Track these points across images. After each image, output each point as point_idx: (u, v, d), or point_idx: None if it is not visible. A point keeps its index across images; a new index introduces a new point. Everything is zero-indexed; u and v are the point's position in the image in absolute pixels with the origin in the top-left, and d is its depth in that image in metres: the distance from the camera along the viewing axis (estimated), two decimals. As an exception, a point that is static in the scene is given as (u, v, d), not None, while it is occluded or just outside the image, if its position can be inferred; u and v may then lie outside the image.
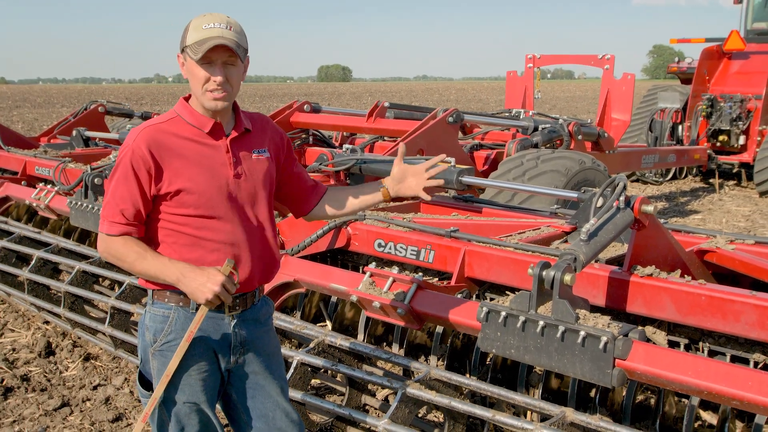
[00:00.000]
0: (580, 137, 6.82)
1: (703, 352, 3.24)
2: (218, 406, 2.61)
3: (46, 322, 5.33)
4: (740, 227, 8.85)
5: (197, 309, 2.26)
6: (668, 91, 11.87)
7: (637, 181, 11.92)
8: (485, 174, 6.34)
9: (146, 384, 2.46)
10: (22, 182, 6.60)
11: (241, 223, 2.37)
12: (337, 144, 7.83)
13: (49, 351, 4.88)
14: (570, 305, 2.68)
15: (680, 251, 3.37)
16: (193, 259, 2.30)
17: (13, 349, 4.90)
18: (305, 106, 7.30)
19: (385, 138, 7.21)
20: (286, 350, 3.34)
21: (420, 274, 3.42)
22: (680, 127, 11.58)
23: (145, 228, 2.34)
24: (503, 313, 2.80)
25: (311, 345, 3.30)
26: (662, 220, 3.75)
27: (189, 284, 2.21)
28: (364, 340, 3.96)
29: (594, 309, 3.23)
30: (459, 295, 3.60)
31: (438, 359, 3.86)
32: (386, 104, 6.81)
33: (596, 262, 3.50)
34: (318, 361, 3.23)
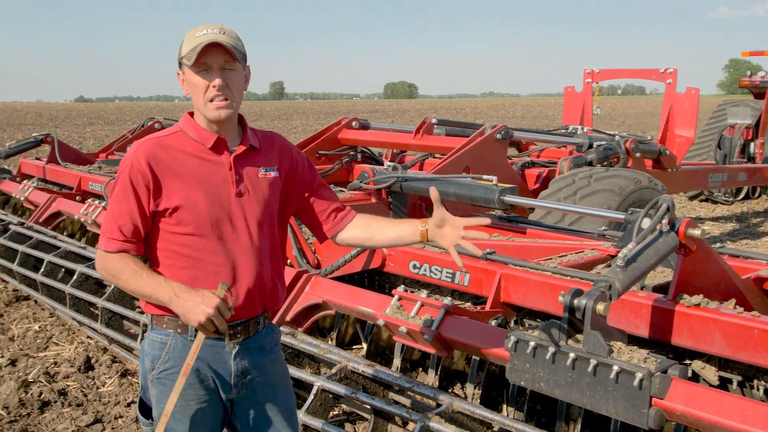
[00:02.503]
0: (638, 155, 6.50)
1: (758, 390, 2.96)
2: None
3: (89, 337, 5.35)
4: (817, 251, 8.32)
5: (195, 336, 2.14)
6: (739, 106, 11.33)
7: (706, 200, 11.40)
8: (536, 193, 6.11)
9: (147, 411, 2.35)
10: (77, 197, 6.70)
11: (243, 245, 2.23)
12: (387, 161, 7.71)
13: (88, 366, 4.88)
14: (603, 337, 2.47)
15: (735, 279, 3.10)
16: (190, 281, 2.17)
17: (55, 363, 4.92)
18: (353, 123, 7.22)
19: (436, 155, 7.06)
20: (307, 375, 3.21)
21: (449, 299, 3.24)
22: (752, 144, 11.03)
23: (145, 246, 2.24)
24: (532, 344, 2.61)
25: (333, 371, 3.16)
26: (717, 245, 3.48)
27: (182, 305, 2.07)
28: (398, 365, 3.80)
29: (637, 340, 3.01)
30: (493, 322, 3.42)
31: (475, 387, 3.67)
32: (434, 120, 6.66)
33: (642, 288, 3.26)
34: (338, 388, 3.08)
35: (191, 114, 2.28)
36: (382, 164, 7.25)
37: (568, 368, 2.52)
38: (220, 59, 2.15)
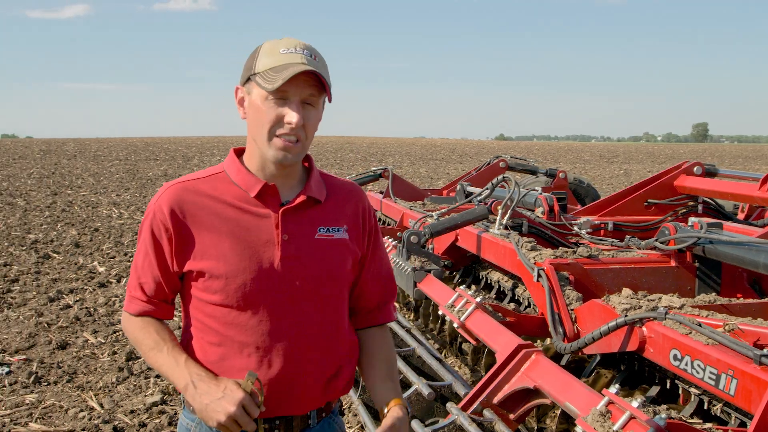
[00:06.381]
0: None
1: None
2: None
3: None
4: None
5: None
6: None
7: None
8: None
9: None
10: (398, 233, 6.83)
11: (290, 323, 1.78)
12: (741, 217, 6.39)
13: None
14: None
15: None
16: (218, 361, 1.79)
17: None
18: (695, 168, 6.11)
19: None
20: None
21: (664, 413, 2.36)
22: None
23: (182, 311, 1.92)
24: None
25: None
26: None
27: (199, 399, 1.69)
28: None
29: None
30: (752, 456, 2.41)
31: None
32: (789, 168, 5.27)
33: None
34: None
35: (238, 152, 1.88)
36: (730, 220, 6.00)
37: None
38: (306, 91, 1.74)
